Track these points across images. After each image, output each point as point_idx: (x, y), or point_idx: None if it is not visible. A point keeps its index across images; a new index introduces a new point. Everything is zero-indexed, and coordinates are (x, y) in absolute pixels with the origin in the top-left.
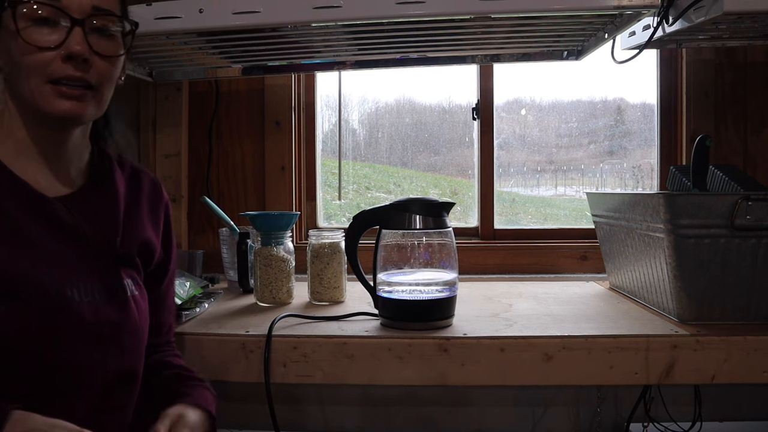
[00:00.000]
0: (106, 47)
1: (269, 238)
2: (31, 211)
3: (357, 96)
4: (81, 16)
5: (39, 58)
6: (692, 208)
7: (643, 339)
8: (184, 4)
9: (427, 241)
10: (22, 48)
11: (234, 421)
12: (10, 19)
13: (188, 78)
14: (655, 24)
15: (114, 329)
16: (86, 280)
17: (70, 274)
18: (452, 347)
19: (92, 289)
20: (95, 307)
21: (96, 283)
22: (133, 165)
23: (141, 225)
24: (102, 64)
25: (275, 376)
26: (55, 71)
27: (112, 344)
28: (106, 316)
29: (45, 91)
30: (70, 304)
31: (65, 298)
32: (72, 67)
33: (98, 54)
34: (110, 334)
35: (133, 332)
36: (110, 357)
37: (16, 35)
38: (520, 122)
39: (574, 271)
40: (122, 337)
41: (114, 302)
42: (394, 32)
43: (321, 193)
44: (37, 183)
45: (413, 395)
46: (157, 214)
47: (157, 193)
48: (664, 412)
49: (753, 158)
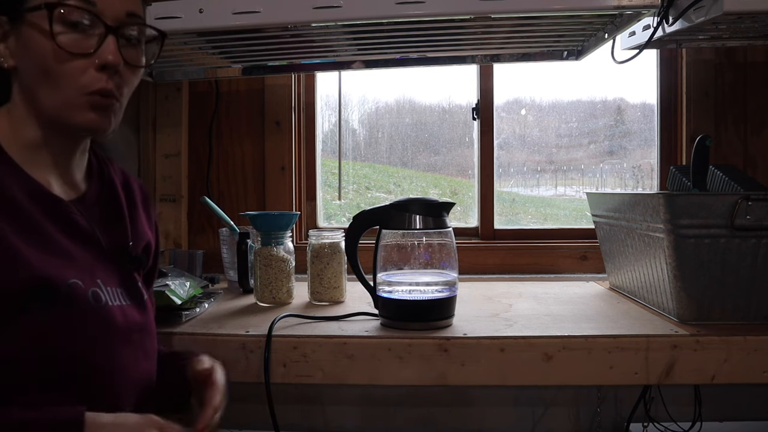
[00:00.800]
0: (134, 57)
1: (269, 238)
2: (51, 215)
3: (357, 96)
4: (114, 23)
5: (73, 66)
6: (692, 208)
7: (643, 339)
8: (184, 4)
9: (427, 241)
10: (56, 54)
11: (234, 421)
12: (44, 21)
13: (188, 78)
14: (655, 24)
15: (140, 333)
16: (111, 284)
17: (96, 277)
18: (452, 347)
19: (117, 294)
20: (123, 311)
21: (118, 287)
22: (122, 170)
23: (142, 228)
24: (129, 74)
25: (275, 376)
26: (91, 83)
27: (140, 348)
28: (134, 320)
29: (78, 103)
30: (105, 308)
31: (100, 302)
32: (105, 78)
33: (128, 64)
34: (138, 338)
35: (153, 335)
36: (139, 361)
37: (48, 39)
38: (520, 122)
39: (574, 271)
40: (146, 340)
41: (136, 306)
42: (394, 32)
43: (321, 193)
44: (48, 185)
45: (413, 395)
46: (150, 215)
47: (146, 196)
48: (664, 412)
49: (753, 158)
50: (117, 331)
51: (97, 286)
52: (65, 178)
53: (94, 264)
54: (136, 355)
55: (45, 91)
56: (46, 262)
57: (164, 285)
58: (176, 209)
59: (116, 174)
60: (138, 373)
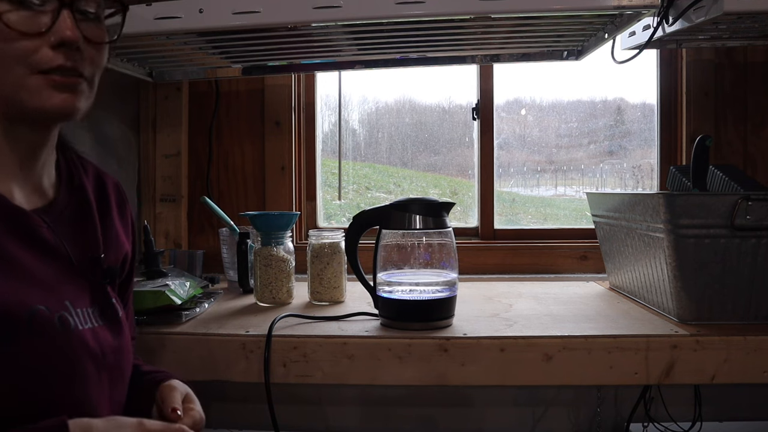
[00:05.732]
0: (95, 33)
1: (269, 238)
2: (11, 229)
3: (357, 96)
4: None
5: (24, 46)
6: (692, 208)
7: (643, 339)
8: (184, 4)
9: (427, 241)
10: (2, 35)
11: (234, 421)
12: None
13: (188, 78)
14: (655, 24)
15: (116, 355)
16: (81, 304)
17: (64, 299)
18: (452, 347)
19: (88, 315)
20: (95, 333)
21: (89, 307)
22: (96, 167)
23: (116, 236)
24: (92, 52)
25: (275, 376)
26: (44, 61)
27: (116, 370)
28: (107, 342)
29: (33, 84)
30: (74, 334)
31: (68, 327)
32: (63, 57)
33: (89, 41)
34: (114, 360)
35: (128, 356)
36: (116, 385)
37: None
38: (520, 122)
39: (574, 271)
40: (122, 362)
41: (109, 326)
42: (394, 32)
43: (321, 193)
44: (10, 194)
45: (413, 395)
46: (125, 217)
47: (121, 196)
48: (664, 412)
49: (753, 158)
50: (89, 358)
51: (64, 308)
52: (29, 184)
53: (61, 283)
54: (111, 379)
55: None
56: (4, 287)
57: (164, 285)
58: (176, 209)
59: (88, 176)
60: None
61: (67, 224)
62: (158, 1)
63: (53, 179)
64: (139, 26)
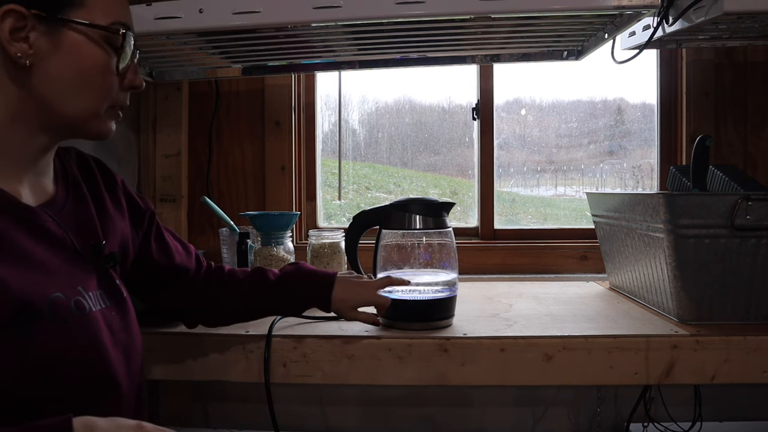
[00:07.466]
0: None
1: (269, 238)
2: (22, 225)
3: (357, 96)
4: None
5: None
6: (692, 208)
7: (643, 339)
8: (184, 4)
9: (427, 241)
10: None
11: (234, 421)
12: (97, 32)
13: (188, 78)
14: (655, 24)
15: (125, 333)
16: (91, 288)
17: (76, 284)
18: (452, 347)
19: (98, 297)
20: (106, 314)
21: (97, 290)
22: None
23: (112, 221)
24: None
25: (275, 376)
26: (121, 99)
27: (129, 346)
28: (116, 321)
29: (105, 114)
30: (90, 316)
31: (83, 310)
32: (127, 97)
33: None
34: (124, 338)
35: (136, 332)
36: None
37: (102, 51)
38: (520, 122)
39: (574, 271)
40: (131, 339)
41: (117, 307)
42: (394, 32)
43: (321, 193)
44: (18, 193)
45: (413, 395)
46: (117, 197)
47: (105, 172)
48: (664, 412)
49: (753, 158)
50: (106, 336)
51: (78, 293)
52: (33, 182)
53: (71, 270)
54: (125, 357)
55: (75, 97)
56: (24, 279)
57: None
58: (176, 209)
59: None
60: (131, 374)
61: (68, 216)
62: (158, 1)
63: (51, 175)
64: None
